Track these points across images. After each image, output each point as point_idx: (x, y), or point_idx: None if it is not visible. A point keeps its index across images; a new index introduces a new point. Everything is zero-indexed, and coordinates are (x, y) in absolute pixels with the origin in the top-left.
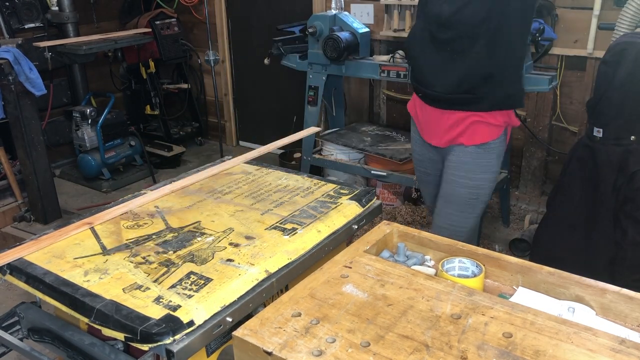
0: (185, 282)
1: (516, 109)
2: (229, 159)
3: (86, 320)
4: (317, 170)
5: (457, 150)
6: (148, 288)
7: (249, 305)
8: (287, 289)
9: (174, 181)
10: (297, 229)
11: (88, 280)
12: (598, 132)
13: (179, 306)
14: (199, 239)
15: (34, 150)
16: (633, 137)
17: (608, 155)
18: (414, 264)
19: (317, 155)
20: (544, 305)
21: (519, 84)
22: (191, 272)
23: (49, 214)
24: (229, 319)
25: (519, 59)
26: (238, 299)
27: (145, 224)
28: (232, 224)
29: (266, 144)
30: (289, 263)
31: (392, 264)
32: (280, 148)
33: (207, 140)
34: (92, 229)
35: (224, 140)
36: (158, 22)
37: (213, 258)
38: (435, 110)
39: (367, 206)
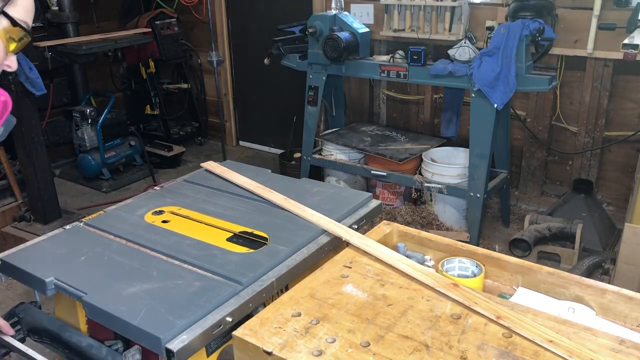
0: None
1: None
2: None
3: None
4: (317, 170)
5: None
6: None
7: (249, 305)
8: (287, 289)
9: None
10: None
11: None
12: None
13: None
14: None
15: (34, 150)
16: None
17: None
18: None
19: (317, 155)
20: (544, 305)
21: None
22: None
23: (49, 213)
24: (229, 319)
25: None
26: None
27: None
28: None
29: (266, 144)
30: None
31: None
32: (280, 148)
33: (207, 140)
34: None
35: (223, 140)
36: (158, 22)
37: None
38: None
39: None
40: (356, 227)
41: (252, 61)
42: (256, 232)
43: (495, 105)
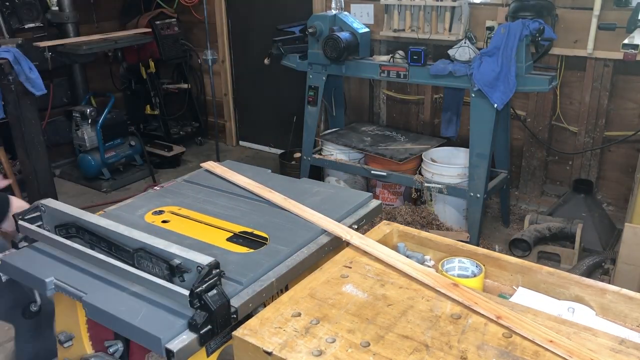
0: None
1: None
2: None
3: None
4: (317, 170)
5: None
6: None
7: (249, 305)
8: (287, 289)
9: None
10: None
11: None
12: None
13: None
14: None
15: (34, 150)
16: None
17: None
18: None
19: (317, 155)
20: (544, 305)
21: None
22: None
23: None
24: None
25: None
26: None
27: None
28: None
29: (266, 144)
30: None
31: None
32: (280, 148)
33: (207, 140)
34: None
35: (224, 140)
36: (158, 22)
37: None
38: None
39: None
40: (356, 227)
41: (252, 61)
42: (256, 232)
43: (495, 105)
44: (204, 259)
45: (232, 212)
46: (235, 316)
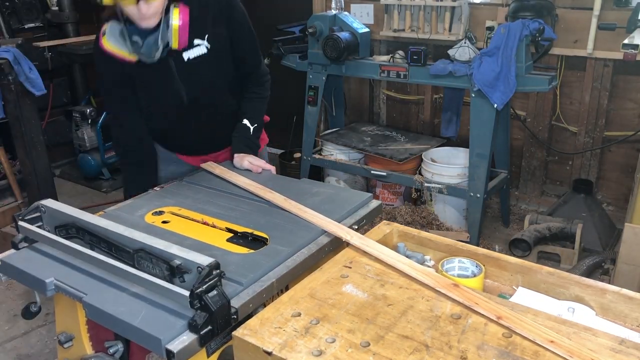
0: None
1: None
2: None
3: None
4: (317, 170)
5: None
6: None
7: (249, 305)
8: (287, 289)
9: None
10: None
11: None
12: None
13: None
14: None
15: (34, 150)
16: None
17: None
18: None
19: (317, 155)
20: (544, 305)
21: None
22: None
23: None
24: None
25: None
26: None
27: None
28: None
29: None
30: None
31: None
32: (280, 148)
33: None
34: None
35: None
36: None
37: None
38: None
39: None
40: (356, 227)
41: None
42: (256, 232)
43: (495, 105)
44: (204, 260)
45: (232, 213)
46: (235, 317)
